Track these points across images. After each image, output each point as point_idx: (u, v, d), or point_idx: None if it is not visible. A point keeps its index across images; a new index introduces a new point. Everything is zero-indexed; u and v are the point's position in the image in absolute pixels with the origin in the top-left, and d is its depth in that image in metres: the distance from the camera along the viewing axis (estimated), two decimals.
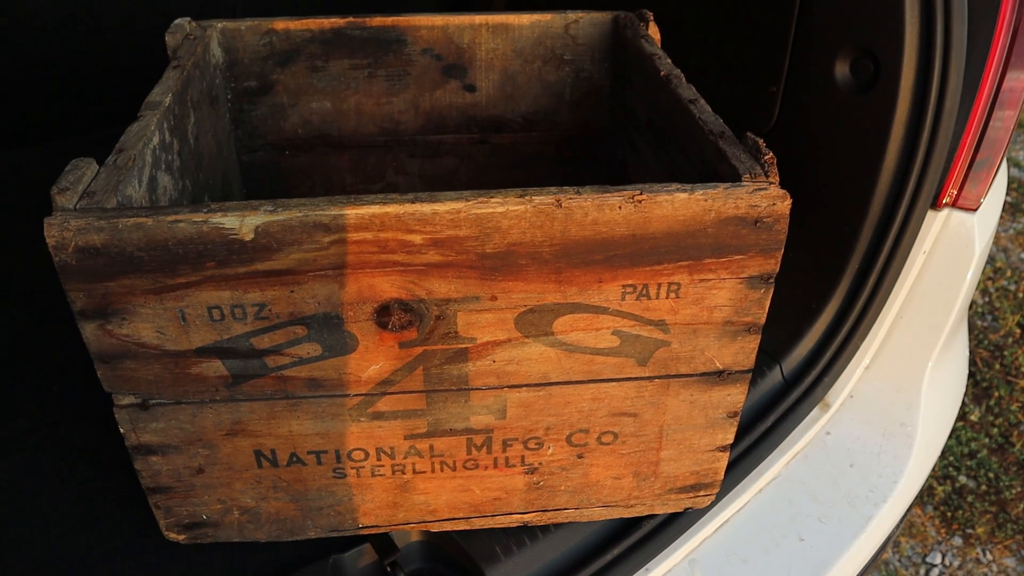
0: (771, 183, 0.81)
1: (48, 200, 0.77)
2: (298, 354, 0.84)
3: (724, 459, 1.01)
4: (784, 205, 0.80)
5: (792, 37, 1.29)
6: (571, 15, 1.24)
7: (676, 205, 0.78)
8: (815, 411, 1.31)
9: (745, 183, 0.80)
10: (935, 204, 1.26)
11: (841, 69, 1.24)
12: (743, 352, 0.90)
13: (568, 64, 1.27)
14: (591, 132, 1.34)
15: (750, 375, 0.93)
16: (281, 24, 1.20)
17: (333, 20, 1.21)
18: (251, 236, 0.75)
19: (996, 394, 2.63)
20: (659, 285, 0.83)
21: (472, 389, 0.89)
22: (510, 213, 0.77)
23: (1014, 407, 2.59)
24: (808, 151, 1.31)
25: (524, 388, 0.89)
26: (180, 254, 0.76)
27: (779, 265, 0.84)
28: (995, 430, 2.53)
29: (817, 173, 1.30)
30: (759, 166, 0.83)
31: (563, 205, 0.77)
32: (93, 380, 0.85)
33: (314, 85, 1.25)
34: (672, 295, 0.84)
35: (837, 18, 1.24)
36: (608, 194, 0.77)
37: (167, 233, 0.74)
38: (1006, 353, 2.78)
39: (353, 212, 0.75)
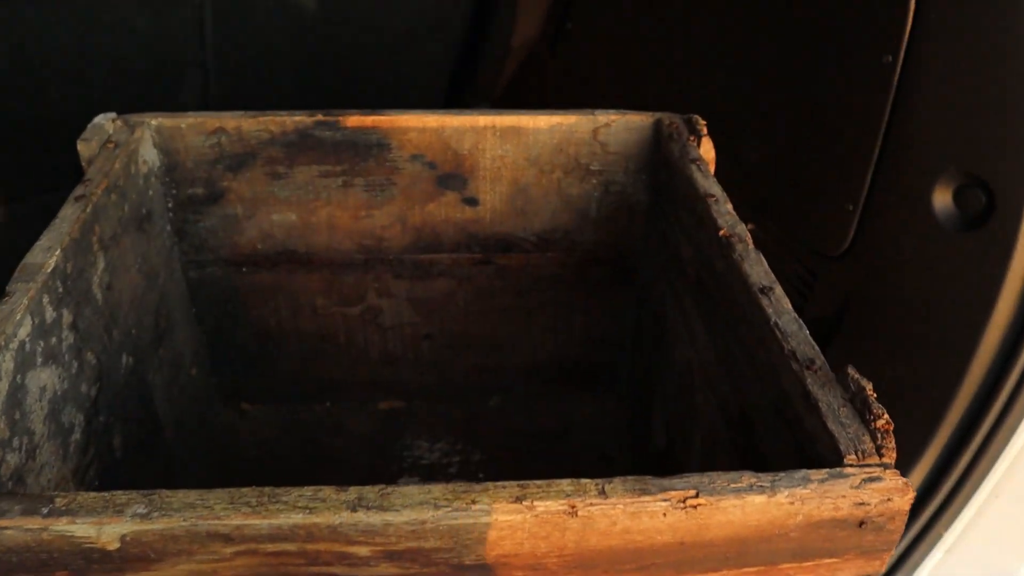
0: (886, 465, 0.56)
1: None
2: None
3: None
4: (904, 501, 0.55)
5: (879, 148, 1.03)
6: (601, 117, 0.98)
7: (747, 510, 0.53)
8: None
9: (849, 470, 0.55)
10: None
11: (942, 197, 0.97)
12: None
13: (595, 175, 1.01)
14: (621, 255, 1.08)
15: None
16: (232, 122, 0.94)
17: (297, 119, 0.95)
18: (116, 545, 0.51)
19: None
20: None
21: None
22: (500, 524, 0.52)
23: None
24: (888, 288, 1.05)
25: None
26: (14, 562, 0.52)
27: (884, 567, 0.59)
28: None
29: (900, 318, 1.04)
30: (867, 433, 0.57)
31: (580, 514, 0.52)
32: None
33: (275, 194, 1.00)
34: None
35: (939, 132, 0.97)
36: (648, 497, 0.52)
37: None
38: None
39: (265, 523, 0.50)
